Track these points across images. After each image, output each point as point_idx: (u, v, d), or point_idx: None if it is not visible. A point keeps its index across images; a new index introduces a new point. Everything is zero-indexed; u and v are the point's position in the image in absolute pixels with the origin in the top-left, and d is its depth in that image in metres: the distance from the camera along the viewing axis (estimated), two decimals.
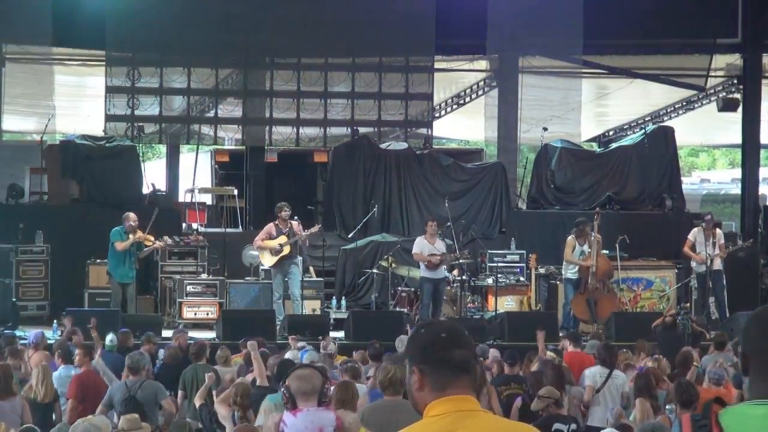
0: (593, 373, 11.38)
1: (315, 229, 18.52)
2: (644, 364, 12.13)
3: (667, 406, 9.45)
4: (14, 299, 18.67)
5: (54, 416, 11.00)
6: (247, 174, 23.50)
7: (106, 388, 11.34)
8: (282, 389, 7.02)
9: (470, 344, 3.25)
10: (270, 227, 17.89)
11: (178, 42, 21.72)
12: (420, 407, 3.23)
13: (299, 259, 18.19)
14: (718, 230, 18.98)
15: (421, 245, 17.83)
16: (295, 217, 18.34)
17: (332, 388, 7.12)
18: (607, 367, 11.38)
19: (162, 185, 24.08)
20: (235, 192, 22.72)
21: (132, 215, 17.91)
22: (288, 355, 12.41)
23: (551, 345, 14.71)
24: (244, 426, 8.00)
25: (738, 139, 24.94)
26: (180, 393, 11.93)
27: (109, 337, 14.10)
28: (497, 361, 12.20)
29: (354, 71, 22.60)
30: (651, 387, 9.95)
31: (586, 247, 18.26)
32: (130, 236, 17.65)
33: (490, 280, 19.38)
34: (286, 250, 17.68)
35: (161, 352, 13.74)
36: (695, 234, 18.77)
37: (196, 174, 23.41)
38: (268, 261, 17.85)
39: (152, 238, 17.87)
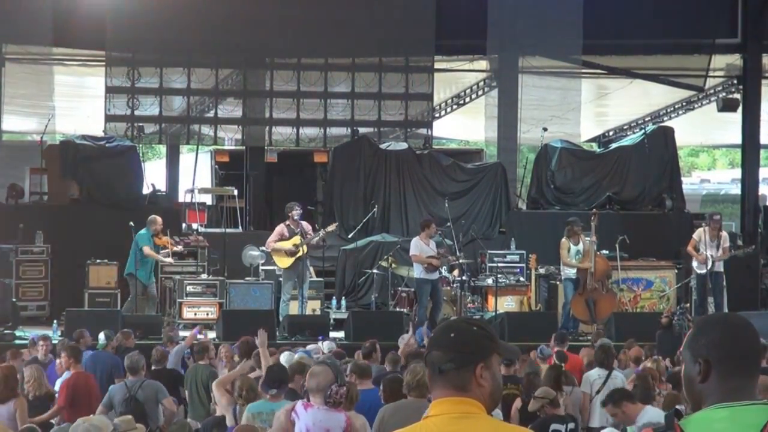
0: (591, 377, 11.39)
1: (332, 227, 18.52)
2: (643, 365, 12.12)
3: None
4: (14, 299, 18.67)
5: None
6: (247, 174, 23.50)
7: (97, 388, 11.39)
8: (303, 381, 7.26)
9: (452, 345, 3.21)
10: (281, 228, 17.84)
11: (178, 42, 21.73)
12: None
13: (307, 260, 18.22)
14: (723, 232, 18.81)
15: (419, 247, 17.82)
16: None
17: (342, 389, 7.13)
18: (605, 368, 11.40)
19: (162, 185, 24.09)
20: (235, 192, 22.71)
21: (159, 219, 18.17)
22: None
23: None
24: (245, 426, 8.01)
25: (738, 139, 24.94)
26: (186, 392, 11.97)
27: (102, 336, 14.14)
28: None
29: (354, 71, 22.61)
30: (648, 389, 9.90)
31: (580, 247, 18.25)
32: (164, 242, 18.08)
33: (490, 281, 19.37)
34: (303, 250, 17.69)
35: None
36: (700, 234, 18.62)
37: (196, 174, 23.40)
38: (284, 263, 17.78)
39: (171, 242, 18.21)
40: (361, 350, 12.82)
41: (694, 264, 18.77)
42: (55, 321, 17.56)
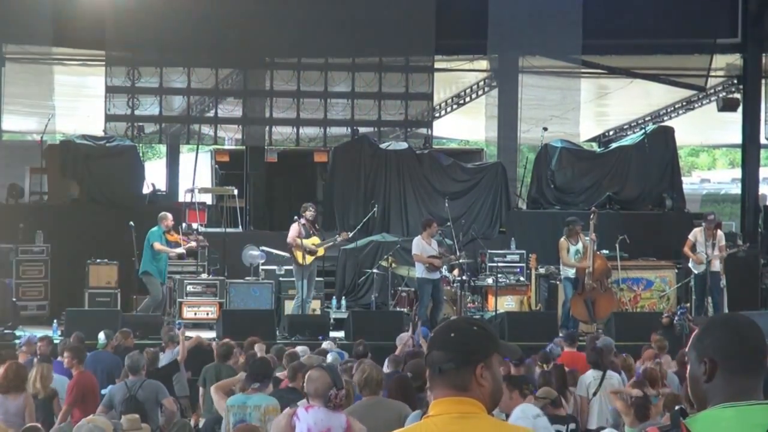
0: (586, 380, 11.37)
1: (344, 236, 18.61)
2: (644, 367, 12.11)
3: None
4: (14, 299, 18.68)
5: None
6: (247, 174, 23.50)
7: (98, 387, 11.42)
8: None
9: (452, 345, 3.22)
10: (298, 227, 17.88)
11: (178, 42, 21.71)
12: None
13: None
14: (719, 231, 18.85)
15: (421, 246, 17.83)
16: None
17: (341, 392, 7.15)
18: (599, 369, 11.38)
19: (162, 185, 24.09)
20: (235, 192, 22.71)
21: (169, 215, 18.24)
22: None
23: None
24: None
25: (738, 139, 24.94)
26: (200, 389, 11.98)
27: (101, 336, 14.15)
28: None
29: (354, 71, 22.60)
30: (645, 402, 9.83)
31: (579, 246, 18.26)
32: (176, 238, 18.15)
33: (490, 280, 19.38)
34: (321, 251, 17.82)
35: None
36: (696, 234, 18.69)
37: (196, 174, 23.39)
38: (302, 259, 17.82)
39: (184, 239, 18.26)
40: (354, 352, 12.84)
41: (691, 264, 18.81)
42: (55, 321, 17.56)
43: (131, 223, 18.26)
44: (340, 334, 17.37)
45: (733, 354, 2.91)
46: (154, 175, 24.97)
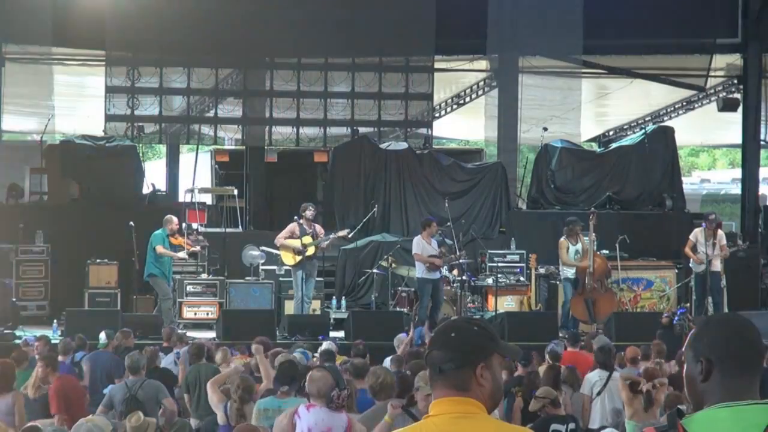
0: (592, 379, 11.38)
1: (343, 233, 18.56)
2: (645, 367, 12.11)
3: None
4: (14, 299, 18.68)
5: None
6: (247, 174, 23.50)
7: (84, 387, 11.42)
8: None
9: (452, 345, 3.22)
10: (294, 226, 17.89)
11: (178, 42, 21.71)
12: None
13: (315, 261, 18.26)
14: (719, 231, 18.87)
15: (421, 246, 17.82)
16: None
17: (344, 393, 7.15)
18: (606, 369, 11.39)
19: (162, 185, 24.09)
20: (235, 192, 22.71)
21: (175, 219, 18.20)
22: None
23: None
24: (245, 425, 8.00)
25: (738, 139, 24.94)
26: (185, 396, 11.92)
27: (102, 336, 14.14)
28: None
29: (354, 71, 22.60)
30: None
31: (579, 246, 18.27)
32: (180, 242, 18.13)
33: (490, 280, 19.38)
34: (311, 251, 17.78)
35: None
36: (696, 234, 18.70)
37: (196, 174, 23.39)
38: (290, 260, 17.84)
39: (189, 242, 18.22)
40: (353, 352, 12.84)
41: (691, 264, 18.82)
42: (55, 321, 17.56)
43: (131, 223, 18.26)
44: (340, 334, 17.37)
45: (730, 354, 2.92)
46: (154, 175, 24.97)
